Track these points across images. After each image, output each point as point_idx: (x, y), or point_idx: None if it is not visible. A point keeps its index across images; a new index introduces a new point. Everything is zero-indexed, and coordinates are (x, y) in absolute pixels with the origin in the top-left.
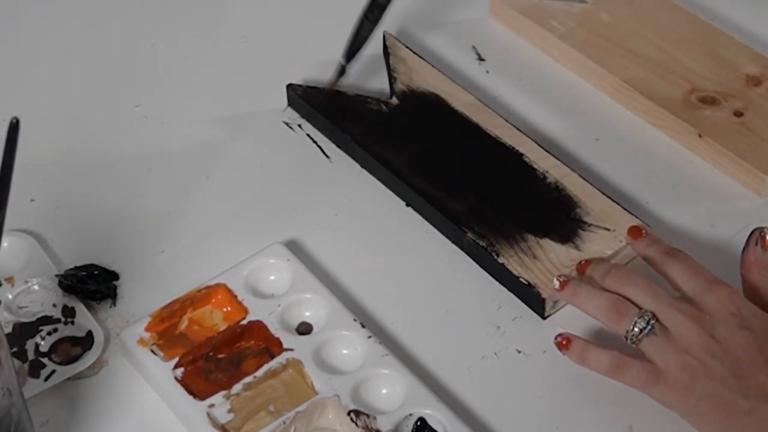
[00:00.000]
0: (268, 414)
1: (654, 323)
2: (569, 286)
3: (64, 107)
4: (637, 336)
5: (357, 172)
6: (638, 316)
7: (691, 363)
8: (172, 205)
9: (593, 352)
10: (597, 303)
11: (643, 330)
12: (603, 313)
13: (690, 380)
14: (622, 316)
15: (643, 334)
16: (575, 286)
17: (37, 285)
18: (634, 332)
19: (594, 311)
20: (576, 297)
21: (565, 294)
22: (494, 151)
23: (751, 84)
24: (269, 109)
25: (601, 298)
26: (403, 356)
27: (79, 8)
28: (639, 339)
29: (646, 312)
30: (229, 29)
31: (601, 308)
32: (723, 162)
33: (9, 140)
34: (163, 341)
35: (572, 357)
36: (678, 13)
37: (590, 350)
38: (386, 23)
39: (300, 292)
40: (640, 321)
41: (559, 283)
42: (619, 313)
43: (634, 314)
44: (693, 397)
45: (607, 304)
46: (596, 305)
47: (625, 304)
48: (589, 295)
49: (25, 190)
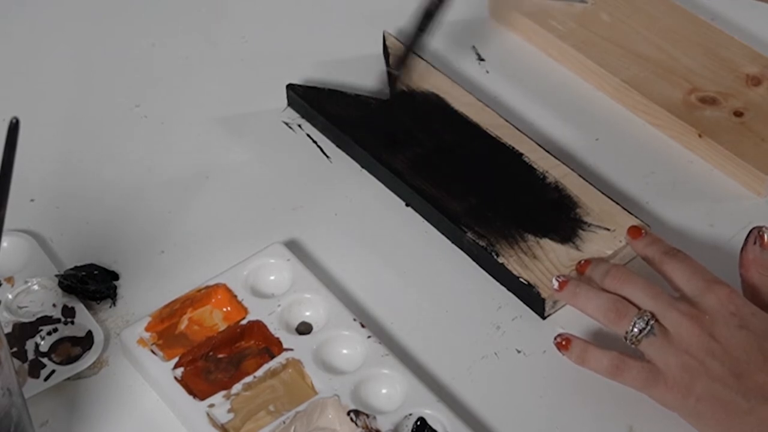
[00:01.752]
0: (268, 414)
1: (653, 324)
2: (568, 286)
3: (64, 107)
4: (636, 336)
5: (357, 172)
6: (637, 317)
7: (691, 363)
8: (172, 205)
9: (593, 353)
10: (596, 303)
11: (642, 330)
12: (602, 314)
13: (690, 380)
14: (621, 317)
15: (642, 335)
16: (574, 286)
17: (37, 285)
18: (633, 333)
19: (593, 311)
20: (575, 297)
21: (564, 294)
22: (494, 151)
23: (751, 84)
24: (269, 109)
25: (601, 298)
26: (403, 356)
27: (79, 8)
28: (638, 339)
29: (645, 312)
30: (229, 29)
31: (600, 309)
32: (723, 162)
33: (9, 140)
34: (163, 341)
35: (571, 358)
36: (678, 13)
37: (590, 351)
38: (386, 23)
39: (300, 292)
40: (639, 321)
41: (558, 283)
42: (618, 314)
43: (633, 315)
44: (693, 397)
45: (606, 304)
46: (595, 306)
47: (624, 305)
48: (589, 296)
49: (25, 190)
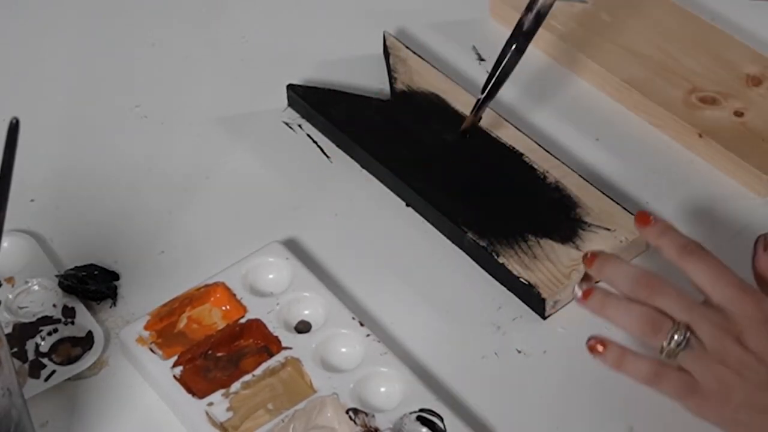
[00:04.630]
0: (266, 412)
1: (690, 336)
2: (595, 295)
3: (64, 107)
4: (674, 350)
5: (357, 172)
6: (674, 330)
7: (727, 373)
8: (172, 205)
9: (630, 359)
10: (629, 317)
11: (680, 344)
12: (638, 328)
13: (726, 391)
14: (657, 331)
15: (680, 348)
16: (602, 296)
17: (37, 285)
18: (671, 347)
19: (626, 325)
20: (604, 308)
21: (591, 304)
22: (494, 151)
23: (751, 84)
24: (269, 109)
25: (634, 311)
26: (402, 355)
27: (79, 8)
28: (675, 353)
29: (681, 325)
30: (229, 29)
31: (635, 323)
32: (723, 162)
33: (9, 140)
34: (162, 339)
35: (607, 362)
36: (678, 13)
37: (627, 357)
38: (386, 23)
39: (299, 291)
40: (677, 336)
41: (582, 292)
42: (654, 328)
43: (669, 328)
44: (730, 407)
45: (642, 318)
46: (629, 320)
47: (660, 318)
48: (619, 308)
49: (25, 190)
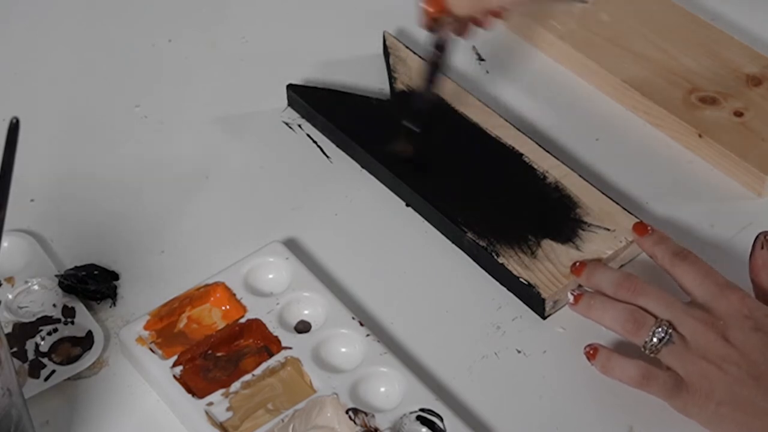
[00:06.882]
0: (266, 412)
1: (671, 332)
2: (583, 299)
3: (64, 107)
4: (656, 346)
5: (357, 172)
6: (656, 326)
7: (709, 369)
8: (172, 205)
9: (618, 362)
10: (613, 315)
11: (661, 340)
12: (620, 325)
13: (709, 386)
14: (639, 327)
15: (662, 344)
16: (589, 298)
17: (37, 285)
18: (653, 342)
19: (610, 323)
20: (590, 309)
21: (580, 307)
22: (494, 151)
23: (751, 84)
24: (269, 109)
25: (617, 309)
26: (402, 355)
27: (79, 8)
28: (658, 349)
29: (663, 321)
30: (229, 29)
31: (617, 320)
32: (723, 162)
33: (9, 140)
34: (162, 339)
35: (597, 366)
36: (678, 13)
37: (614, 360)
38: (386, 23)
39: (299, 291)
40: (658, 331)
41: (573, 297)
42: (636, 324)
43: (651, 324)
44: (713, 403)
45: (624, 315)
46: (612, 317)
47: (642, 315)
48: (605, 307)
49: (25, 190)
